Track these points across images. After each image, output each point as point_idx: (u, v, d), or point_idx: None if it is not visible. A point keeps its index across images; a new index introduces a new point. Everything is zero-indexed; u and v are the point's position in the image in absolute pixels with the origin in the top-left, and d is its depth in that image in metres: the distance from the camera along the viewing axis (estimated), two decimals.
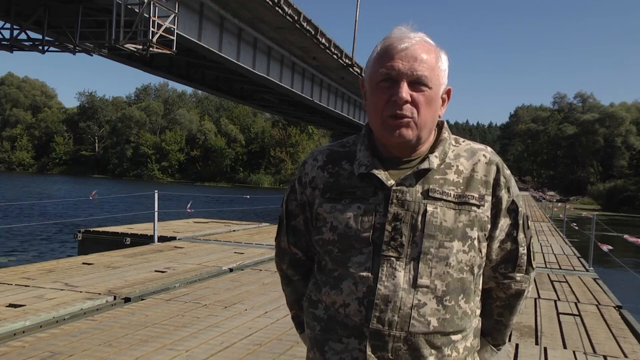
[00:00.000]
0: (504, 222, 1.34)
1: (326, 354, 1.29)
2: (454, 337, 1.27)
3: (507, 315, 1.45)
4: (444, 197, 1.26)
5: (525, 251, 1.38)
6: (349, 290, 1.26)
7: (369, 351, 1.23)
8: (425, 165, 1.28)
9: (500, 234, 1.34)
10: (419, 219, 1.24)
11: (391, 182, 1.27)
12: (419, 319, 1.22)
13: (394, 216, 1.25)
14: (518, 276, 1.39)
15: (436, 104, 1.29)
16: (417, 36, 1.28)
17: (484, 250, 1.31)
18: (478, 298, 1.35)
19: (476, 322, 1.35)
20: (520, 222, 1.36)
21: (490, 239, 1.33)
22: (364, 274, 1.25)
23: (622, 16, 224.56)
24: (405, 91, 1.23)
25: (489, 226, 1.31)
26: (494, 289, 1.42)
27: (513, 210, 1.35)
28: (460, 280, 1.27)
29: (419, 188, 1.27)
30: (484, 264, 1.34)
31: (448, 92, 1.34)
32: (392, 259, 1.24)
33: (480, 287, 1.37)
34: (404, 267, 1.24)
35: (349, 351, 1.26)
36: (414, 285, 1.23)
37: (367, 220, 1.26)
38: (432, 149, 1.32)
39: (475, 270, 1.30)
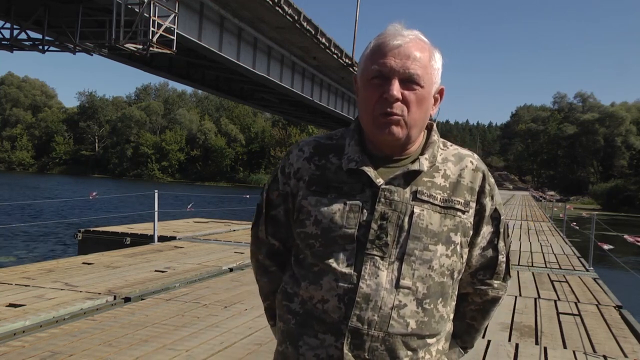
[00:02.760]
0: (486, 230, 1.34)
1: (300, 349, 1.27)
2: (429, 340, 1.26)
3: (479, 320, 1.46)
4: (431, 200, 1.26)
5: (504, 259, 1.39)
6: (329, 286, 1.24)
7: (345, 349, 1.21)
8: (415, 166, 1.27)
9: (481, 240, 1.35)
10: (406, 220, 1.23)
11: (380, 180, 1.26)
12: (398, 320, 1.21)
13: (381, 215, 1.23)
14: (496, 283, 1.40)
15: (428, 103, 1.27)
16: (411, 34, 1.25)
17: (465, 256, 1.31)
18: (454, 303, 1.35)
19: (449, 326, 1.35)
20: (502, 230, 1.37)
21: (471, 245, 1.33)
22: (346, 270, 1.23)
23: (622, 16, 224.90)
24: (396, 89, 1.21)
25: (471, 232, 1.31)
26: (470, 294, 1.42)
27: (495, 218, 1.35)
28: (441, 284, 1.26)
29: (407, 189, 1.26)
30: (463, 269, 1.34)
31: (441, 92, 1.32)
32: (376, 258, 1.22)
33: (457, 292, 1.37)
34: (387, 267, 1.22)
35: (324, 347, 1.23)
36: (396, 285, 1.22)
37: (353, 217, 1.24)
38: (422, 151, 1.31)
39: (455, 275, 1.30)
